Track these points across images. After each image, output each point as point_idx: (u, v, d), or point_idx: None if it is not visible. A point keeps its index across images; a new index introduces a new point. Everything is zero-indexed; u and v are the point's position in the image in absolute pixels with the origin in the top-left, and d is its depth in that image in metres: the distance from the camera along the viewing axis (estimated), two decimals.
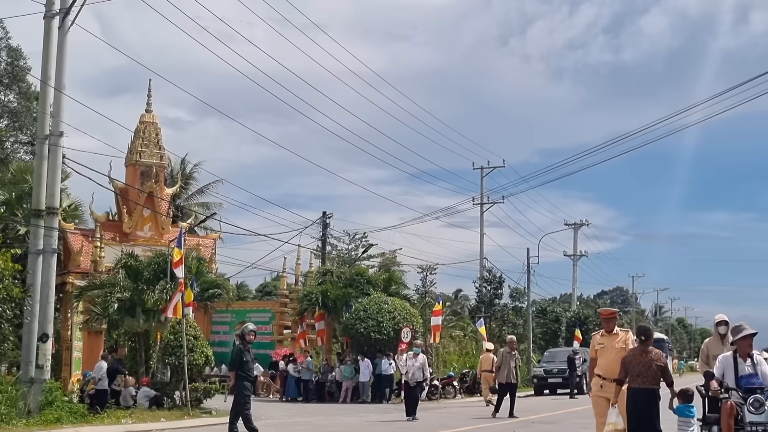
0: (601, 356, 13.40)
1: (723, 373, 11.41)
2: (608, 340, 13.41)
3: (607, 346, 13.35)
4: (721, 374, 11.41)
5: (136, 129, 39.43)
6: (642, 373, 11.98)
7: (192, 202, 54.36)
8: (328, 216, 49.03)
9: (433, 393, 35.52)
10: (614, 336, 13.40)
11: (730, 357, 11.51)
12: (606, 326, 13.57)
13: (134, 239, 37.89)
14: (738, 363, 11.38)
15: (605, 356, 13.30)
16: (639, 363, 12.04)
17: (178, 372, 25.31)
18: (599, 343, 13.52)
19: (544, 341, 61.51)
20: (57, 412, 20.23)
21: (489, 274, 56.42)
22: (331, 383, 35.76)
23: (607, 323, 13.60)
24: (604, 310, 14.08)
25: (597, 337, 13.74)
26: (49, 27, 22.01)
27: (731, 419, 10.71)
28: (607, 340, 13.42)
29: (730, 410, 10.75)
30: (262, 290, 75.14)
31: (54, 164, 21.90)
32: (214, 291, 32.36)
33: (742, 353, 11.45)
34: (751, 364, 11.32)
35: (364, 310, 35.26)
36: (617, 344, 13.23)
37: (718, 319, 13.83)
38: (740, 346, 11.49)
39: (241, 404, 17.09)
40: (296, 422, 23.78)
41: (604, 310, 14.09)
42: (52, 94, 22.06)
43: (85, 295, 30.66)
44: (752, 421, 10.57)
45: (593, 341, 13.78)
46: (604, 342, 13.45)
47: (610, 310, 14.17)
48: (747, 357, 11.42)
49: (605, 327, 13.56)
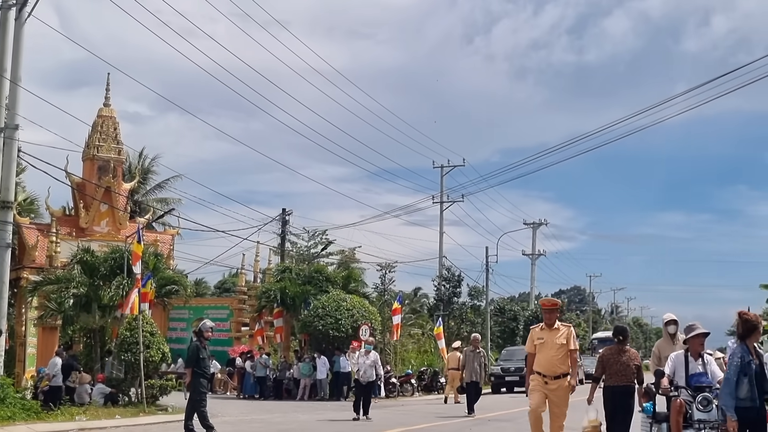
0: (541, 352, 12.83)
1: (674, 371, 11.50)
2: (549, 335, 12.84)
3: (547, 341, 12.79)
4: (672, 372, 11.50)
5: (93, 123, 39.04)
6: (619, 371, 13.22)
7: (150, 198, 53.91)
8: (288, 213, 48.85)
9: (391, 391, 35.57)
10: (555, 331, 12.85)
11: (682, 356, 11.60)
12: (547, 319, 12.97)
13: (91, 234, 37.53)
14: (689, 362, 11.42)
15: (545, 352, 12.78)
16: (617, 362, 13.28)
17: (134, 369, 25.05)
18: (538, 338, 12.90)
19: (502, 340, 61.79)
20: (10, 409, 19.96)
21: (448, 273, 56.54)
22: (288, 380, 35.63)
23: (548, 315, 13.01)
24: (546, 301, 13.56)
25: (536, 330, 13.10)
26: (5, 18, 21.81)
27: (680, 416, 10.87)
28: (548, 335, 12.84)
29: (679, 408, 10.89)
30: (221, 287, 74.71)
31: (9, 157, 21.70)
32: (171, 287, 32.12)
33: (693, 352, 11.49)
34: (702, 364, 11.38)
35: (322, 307, 35.19)
36: (558, 339, 12.74)
37: (666, 318, 13.97)
38: (692, 345, 11.53)
39: (197, 401, 16.98)
40: (253, 419, 23.64)
41: (545, 301, 13.57)
42: (7, 87, 21.85)
43: (39, 291, 30.33)
44: (700, 419, 10.69)
45: (531, 335, 13.09)
46: (544, 337, 12.85)
47: (552, 300, 13.56)
48: (698, 356, 11.48)
49: (546, 320, 12.99)
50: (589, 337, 72.80)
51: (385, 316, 39.29)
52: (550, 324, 12.92)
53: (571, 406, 13.13)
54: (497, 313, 63.81)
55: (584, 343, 67.05)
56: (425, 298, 75.06)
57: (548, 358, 12.71)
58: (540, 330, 12.99)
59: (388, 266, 50.14)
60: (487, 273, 57.59)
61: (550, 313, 13.01)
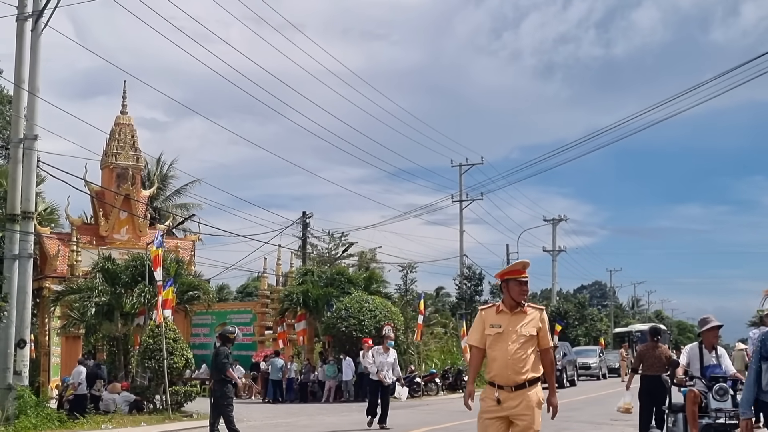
0: (495, 348, 7.88)
1: (689, 362, 11.76)
2: (510, 321, 7.91)
3: (506, 330, 7.87)
4: (687, 363, 11.80)
5: (111, 131, 39.16)
6: (654, 364, 14.47)
7: (170, 204, 54.06)
8: (308, 216, 48.94)
9: (416, 390, 35.49)
10: (521, 315, 7.95)
11: (696, 347, 11.89)
12: (516, 293, 7.94)
13: (111, 242, 37.64)
14: (703, 354, 11.69)
15: (502, 348, 7.84)
16: (651, 356, 14.59)
17: (158, 376, 25.08)
18: (493, 325, 7.93)
19: None
20: (35, 419, 20.01)
21: (469, 271, 56.55)
22: (313, 383, 35.65)
23: (519, 288, 7.95)
24: (519, 265, 8.17)
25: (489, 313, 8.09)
26: (21, 29, 21.79)
27: (695, 406, 11.14)
28: (508, 321, 7.90)
29: (694, 398, 11.14)
30: (243, 291, 74.91)
31: (29, 168, 21.73)
32: (193, 293, 32.15)
33: (707, 344, 11.76)
34: (715, 356, 11.66)
35: (345, 309, 35.15)
36: (524, 329, 7.87)
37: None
38: (706, 337, 11.79)
39: (223, 406, 16.93)
40: (278, 423, 23.60)
41: (518, 265, 8.18)
42: (26, 97, 21.86)
43: (62, 300, 30.44)
44: (717, 408, 10.93)
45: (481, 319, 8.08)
46: (502, 324, 7.91)
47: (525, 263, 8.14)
48: (712, 348, 11.74)
49: (514, 295, 7.93)
50: (611, 332, 72.43)
51: (408, 316, 39.23)
52: (514, 305, 7.98)
53: (609, 395, 13.30)
54: None
55: (606, 338, 66.74)
56: (447, 297, 75.13)
57: (507, 359, 7.82)
58: (496, 313, 8.04)
59: (409, 266, 50.20)
60: None
61: (521, 285, 7.98)
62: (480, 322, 8.11)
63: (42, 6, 21.99)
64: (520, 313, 7.97)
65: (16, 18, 21.90)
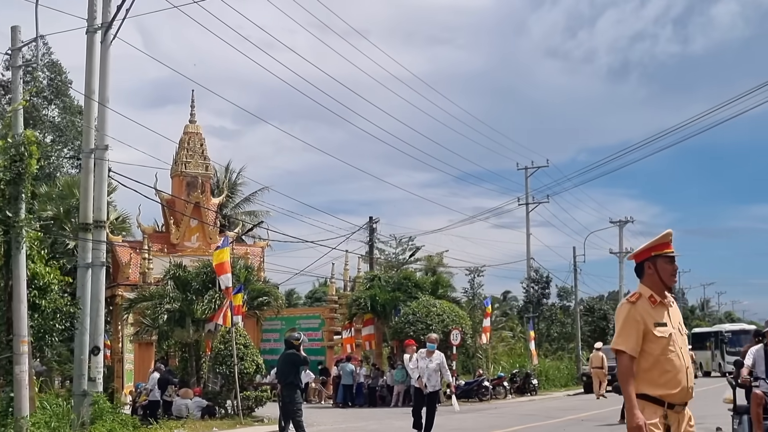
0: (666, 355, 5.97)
1: (754, 363, 11.58)
2: (671, 317, 6.23)
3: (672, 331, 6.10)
4: (752, 365, 11.62)
5: (180, 140, 39.68)
6: None
7: (239, 211, 54.60)
8: (375, 221, 49.11)
9: (484, 394, 35.45)
10: (672, 307, 6.33)
11: (762, 349, 11.74)
12: (668, 276, 6.35)
13: (182, 250, 38.10)
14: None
15: (675, 356, 6.00)
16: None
17: (229, 381, 25.34)
18: (658, 324, 6.08)
19: (592, 339, 61.11)
20: (109, 424, 20.29)
21: (536, 274, 56.28)
22: (382, 387, 35.75)
23: (670, 268, 6.38)
24: (662, 240, 6.38)
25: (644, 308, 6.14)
26: (91, 41, 22.03)
27: (760, 408, 10.97)
28: (669, 317, 6.20)
29: (759, 400, 10.98)
30: (312, 296, 75.34)
31: (100, 178, 21.95)
32: (263, 299, 32.46)
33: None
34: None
35: (412, 313, 35.20)
36: (682, 326, 6.29)
37: None
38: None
39: (293, 411, 17.09)
40: (347, 427, 23.74)
41: (661, 240, 6.39)
42: (96, 108, 22.09)
43: (134, 307, 30.87)
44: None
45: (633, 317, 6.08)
46: (666, 321, 6.15)
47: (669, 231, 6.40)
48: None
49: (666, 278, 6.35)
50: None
51: (475, 320, 39.17)
52: (665, 292, 6.38)
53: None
54: (587, 313, 63.08)
55: None
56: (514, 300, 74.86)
57: (685, 369, 6.07)
58: (653, 306, 6.22)
59: (476, 270, 50.08)
60: (575, 273, 56.99)
61: (672, 263, 6.41)
62: (634, 320, 6.09)
63: (111, 18, 22.19)
64: (669, 304, 6.29)
65: (86, 30, 22.14)
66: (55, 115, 50.36)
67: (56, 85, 49.58)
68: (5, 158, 18.42)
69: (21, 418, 17.99)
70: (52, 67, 49.32)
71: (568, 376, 48.74)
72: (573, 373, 49.20)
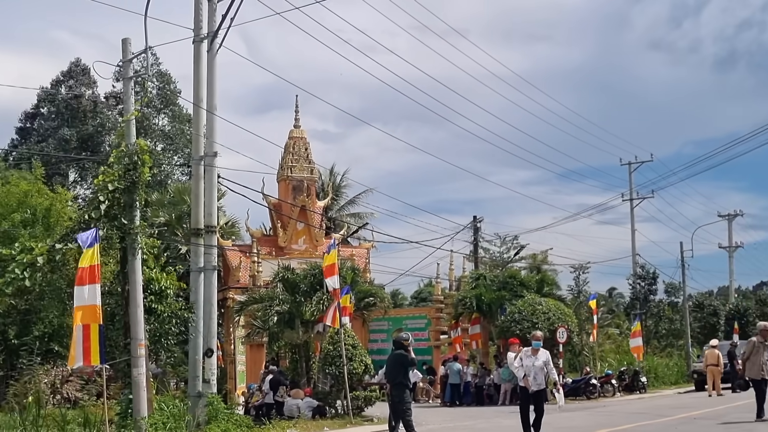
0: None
1: None
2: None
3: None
4: None
5: (285, 145, 40.27)
6: None
7: (343, 213, 55.14)
8: (479, 220, 49.10)
9: (592, 392, 35.19)
10: None
11: None
12: None
13: (289, 253, 38.64)
14: None
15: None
16: None
17: (339, 381, 25.69)
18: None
19: (702, 336, 60.06)
20: (223, 425, 20.70)
21: (642, 270, 55.63)
22: (489, 386, 35.77)
23: None
24: None
25: None
26: (198, 51, 22.49)
27: None
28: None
29: None
30: (417, 297, 75.53)
31: (210, 184, 22.38)
32: (369, 300, 32.80)
33: None
34: None
35: (518, 312, 35.14)
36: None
37: None
38: None
39: (402, 411, 17.27)
40: (456, 426, 23.83)
41: None
42: (204, 116, 22.54)
43: (245, 310, 31.41)
44: None
45: None
46: None
47: None
48: None
49: None
50: None
51: (581, 318, 38.89)
52: None
53: None
54: (696, 309, 61.93)
55: None
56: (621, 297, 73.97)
57: None
58: None
59: (581, 267, 49.77)
60: (683, 268, 56.07)
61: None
62: None
63: (216, 27, 22.64)
64: None
65: (193, 40, 22.60)
66: (165, 123, 51.72)
67: (165, 94, 50.87)
68: (120, 167, 19.00)
69: (140, 419, 18.52)
70: (161, 78, 50.66)
71: (677, 373, 47.97)
72: (683, 370, 48.41)
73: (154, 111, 51.31)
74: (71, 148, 50.96)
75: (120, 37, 20.30)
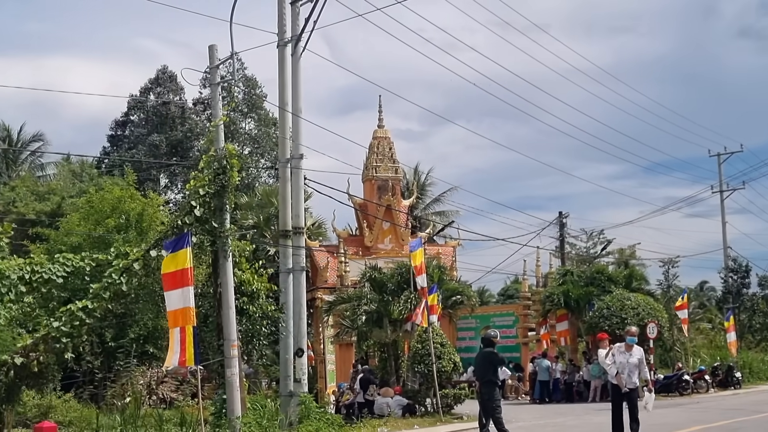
0: None
1: None
2: None
3: None
4: None
5: (369, 145, 40.49)
6: None
7: (429, 212, 55.27)
8: (564, 215, 48.88)
9: (684, 388, 34.79)
10: None
11: None
12: None
13: (376, 252, 38.85)
14: None
15: None
16: None
17: (428, 379, 25.84)
18: None
19: None
20: (315, 423, 20.95)
21: (734, 263, 54.74)
22: (578, 383, 35.62)
23: None
24: None
25: None
26: (282, 55, 22.81)
27: None
28: None
29: None
30: (504, 294, 75.34)
31: (297, 186, 22.67)
32: (456, 298, 32.88)
33: None
34: None
35: (607, 307, 34.87)
36: None
37: None
38: None
39: (492, 408, 17.37)
40: (546, 423, 23.85)
41: None
42: (290, 119, 22.86)
43: (334, 310, 31.67)
44: None
45: None
46: None
47: None
48: None
49: None
50: None
51: (672, 313, 38.44)
52: None
53: None
54: None
55: None
56: (712, 291, 72.83)
57: None
58: None
59: (670, 261, 49.20)
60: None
61: None
62: None
63: (299, 31, 22.94)
64: None
65: (277, 45, 22.92)
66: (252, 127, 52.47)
67: (251, 99, 51.59)
68: (209, 172, 19.43)
69: (234, 419, 18.93)
70: (246, 82, 51.36)
71: None
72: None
73: (241, 115, 52.07)
74: (161, 153, 52.00)
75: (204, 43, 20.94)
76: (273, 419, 20.25)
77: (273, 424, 20.05)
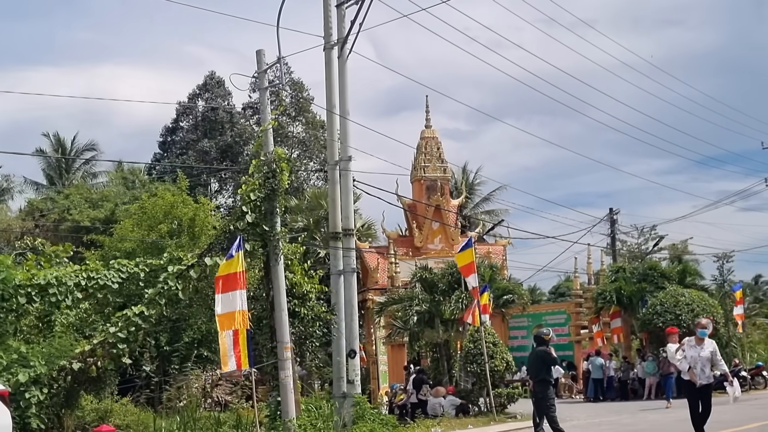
0: None
1: None
2: None
3: None
4: None
5: (417, 145, 40.56)
6: None
7: (478, 211, 55.23)
8: (615, 212, 48.58)
9: (742, 384, 34.38)
10: None
11: None
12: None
13: (426, 252, 38.90)
14: None
15: None
16: None
17: (481, 379, 25.82)
18: None
19: None
20: (370, 424, 20.97)
21: None
22: (633, 380, 35.37)
23: None
24: None
25: None
26: (329, 58, 22.88)
27: None
28: None
29: None
30: (555, 292, 75.03)
31: (346, 188, 22.71)
32: (508, 297, 32.81)
33: None
34: None
35: (660, 304, 34.58)
36: None
37: None
38: None
39: (546, 407, 17.32)
40: (601, 422, 23.70)
41: None
42: (337, 121, 22.94)
43: (385, 311, 31.75)
44: None
45: None
46: None
47: None
48: None
49: None
50: None
51: (727, 308, 38.01)
52: None
53: None
54: None
55: None
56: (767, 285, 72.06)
57: None
58: None
59: (724, 256, 48.71)
60: None
61: None
62: None
63: (345, 33, 23.00)
64: None
65: (323, 47, 22.99)
66: (300, 130, 52.70)
67: (298, 102, 51.84)
68: (259, 176, 19.57)
69: (288, 421, 19.03)
70: (294, 86, 51.60)
71: None
72: None
73: (289, 119, 52.33)
74: (211, 159, 52.43)
75: (250, 48, 21.08)
76: (327, 421, 20.30)
77: (327, 425, 20.09)
